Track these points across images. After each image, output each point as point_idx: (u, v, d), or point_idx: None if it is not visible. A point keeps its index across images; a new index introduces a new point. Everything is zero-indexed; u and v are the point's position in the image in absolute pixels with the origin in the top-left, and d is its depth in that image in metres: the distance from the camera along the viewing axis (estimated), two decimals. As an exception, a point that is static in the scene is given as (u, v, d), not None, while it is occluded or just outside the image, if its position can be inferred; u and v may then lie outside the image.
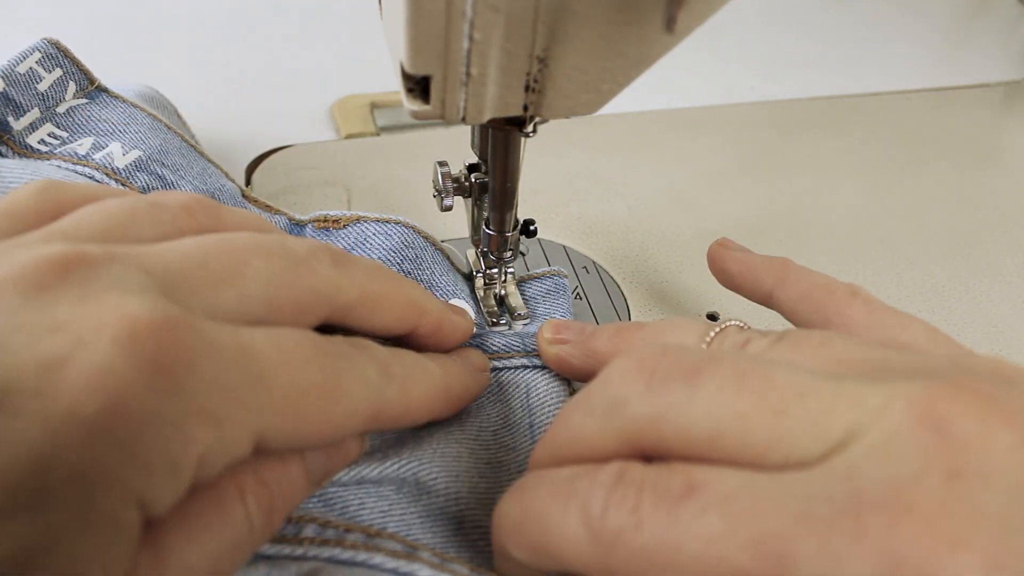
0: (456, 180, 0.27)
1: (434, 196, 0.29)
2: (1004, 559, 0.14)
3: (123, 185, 0.28)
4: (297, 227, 0.32)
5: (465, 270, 0.32)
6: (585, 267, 0.34)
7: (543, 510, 0.18)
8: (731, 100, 0.47)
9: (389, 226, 0.31)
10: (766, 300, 0.26)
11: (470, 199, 0.29)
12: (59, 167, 0.28)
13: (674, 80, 0.47)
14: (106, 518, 0.15)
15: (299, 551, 0.21)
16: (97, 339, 0.15)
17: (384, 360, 0.21)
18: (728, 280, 0.28)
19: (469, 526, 0.23)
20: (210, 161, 0.32)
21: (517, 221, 0.28)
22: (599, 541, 0.17)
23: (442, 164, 0.27)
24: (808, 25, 0.56)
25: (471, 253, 0.31)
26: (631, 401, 0.18)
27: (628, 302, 0.32)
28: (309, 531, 0.21)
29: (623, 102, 0.25)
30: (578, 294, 0.32)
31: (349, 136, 0.41)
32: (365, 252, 0.31)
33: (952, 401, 0.16)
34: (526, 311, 0.29)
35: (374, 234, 0.31)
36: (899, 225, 0.38)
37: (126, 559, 0.16)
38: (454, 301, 0.28)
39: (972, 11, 0.60)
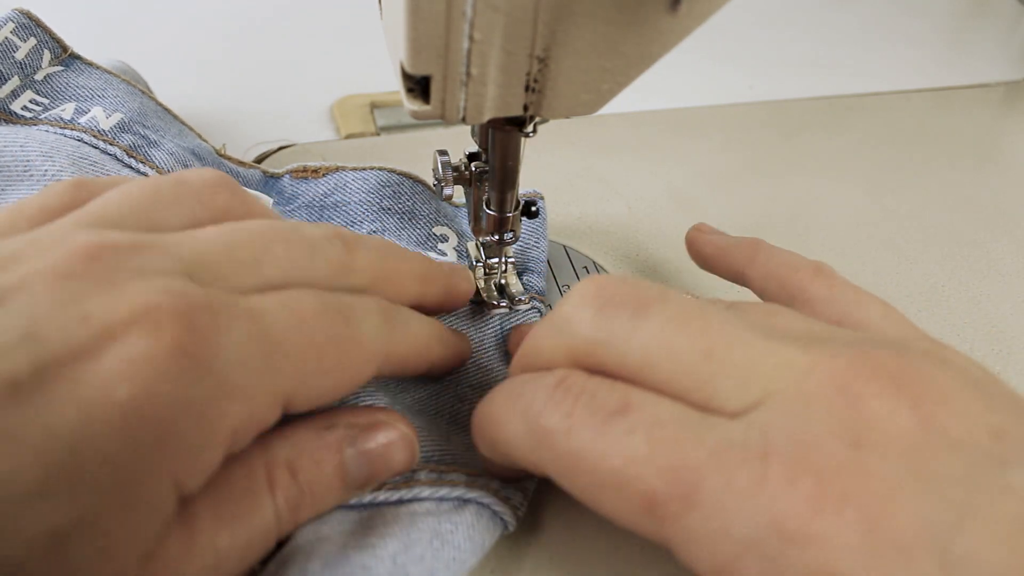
0: (456, 169, 0.27)
1: (434, 185, 0.29)
2: (881, 521, 0.15)
3: (111, 145, 0.29)
4: (272, 179, 0.33)
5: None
6: (585, 267, 0.34)
7: (497, 409, 0.20)
8: (731, 100, 0.47)
9: (367, 172, 0.32)
10: (739, 279, 0.27)
11: (470, 189, 0.29)
12: (47, 131, 0.29)
13: (674, 80, 0.47)
14: (141, 497, 0.16)
15: None
16: (125, 329, 0.16)
17: (385, 308, 0.22)
18: (704, 262, 0.29)
19: (456, 441, 0.25)
20: (184, 124, 0.33)
21: (519, 202, 0.28)
22: (534, 437, 0.19)
23: (442, 153, 0.27)
24: (808, 25, 0.56)
25: (471, 246, 0.30)
26: (580, 323, 0.19)
27: (628, 302, 0.32)
28: None
29: (623, 102, 0.25)
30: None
31: (349, 136, 0.41)
32: (343, 196, 0.31)
33: (869, 378, 0.17)
34: (526, 297, 0.29)
35: (352, 179, 0.32)
36: (899, 225, 0.38)
37: (159, 534, 0.17)
38: (437, 228, 0.29)
39: (972, 11, 0.60)
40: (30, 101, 0.30)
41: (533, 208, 0.28)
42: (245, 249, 0.20)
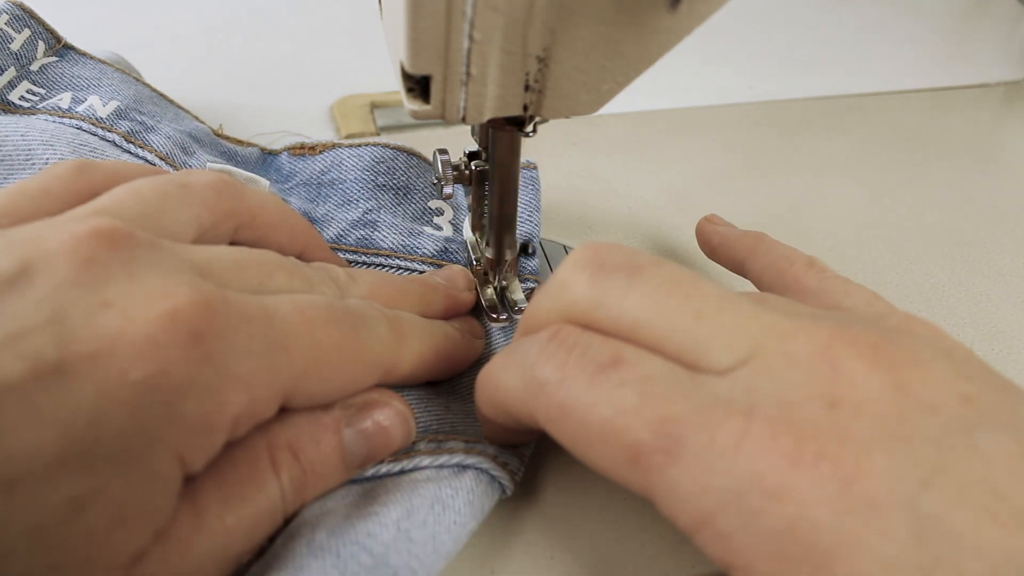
0: (456, 168, 0.27)
1: (433, 184, 0.29)
2: (856, 476, 0.16)
3: (108, 131, 0.29)
4: (270, 156, 0.34)
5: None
6: (585, 267, 0.34)
7: (495, 365, 0.21)
8: (731, 100, 0.47)
9: (362, 149, 0.32)
10: (740, 270, 0.29)
11: (470, 188, 0.29)
12: (46, 120, 0.29)
13: (674, 80, 0.47)
14: (150, 471, 0.17)
15: None
16: (144, 317, 0.17)
17: (394, 319, 0.23)
18: (710, 251, 0.31)
19: (455, 408, 0.26)
20: (180, 108, 0.34)
21: (515, 243, 0.28)
22: (528, 389, 0.19)
23: (442, 152, 0.27)
24: (808, 25, 0.56)
25: (470, 237, 0.31)
26: (576, 285, 0.20)
27: (628, 302, 0.32)
28: None
29: (623, 102, 0.25)
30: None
31: (349, 136, 0.41)
32: (339, 174, 0.32)
33: (849, 344, 0.18)
34: (527, 304, 0.29)
35: (347, 156, 0.32)
36: (899, 225, 0.38)
37: (167, 507, 0.18)
38: (433, 202, 0.30)
39: (972, 11, 0.60)
40: (27, 91, 0.31)
41: (530, 250, 0.29)
42: (251, 266, 0.22)
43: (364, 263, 0.30)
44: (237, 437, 0.19)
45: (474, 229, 0.29)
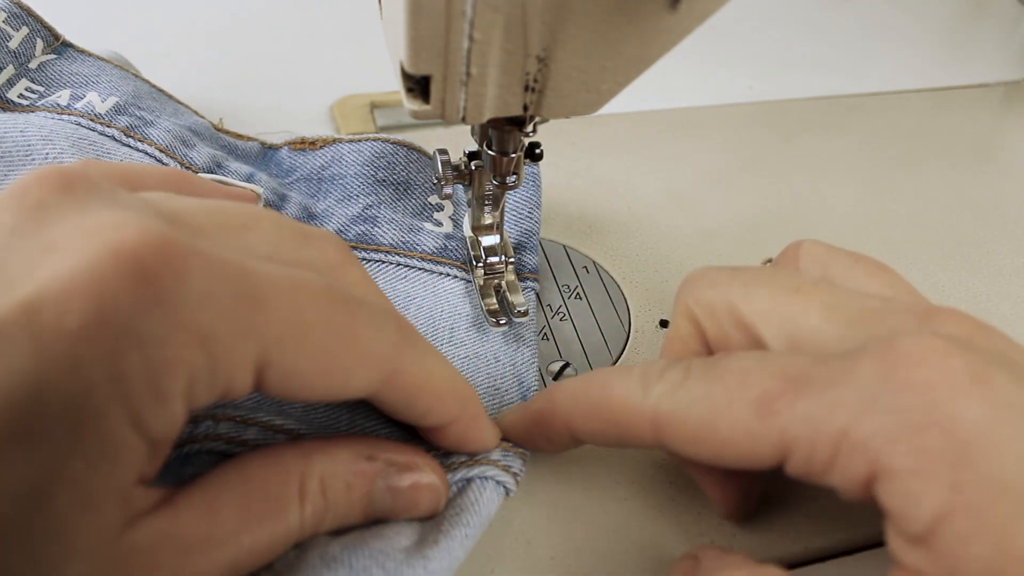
0: (456, 168, 0.27)
1: (434, 184, 0.29)
2: (991, 376, 0.16)
3: (107, 127, 0.29)
4: (271, 151, 0.34)
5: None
6: (585, 267, 0.34)
7: (605, 381, 0.22)
8: (731, 100, 0.47)
9: (362, 143, 0.32)
10: None
11: (470, 190, 0.29)
12: (45, 116, 0.29)
13: (674, 80, 0.47)
14: (104, 443, 0.15)
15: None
16: (85, 254, 0.15)
17: (405, 325, 0.21)
18: None
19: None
20: (179, 103, 0.34)
21: (523, 143, 0.26)
22: (650, 391, 0.21)
23: (442, 152, 0.27)
24: (808, 25, 0.56)
25: (470, 241, 0.30)
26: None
27: (628, 302, 0.32)
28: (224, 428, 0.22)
29: (623, 102, 0.25)
30: (578, 294, 0.32)
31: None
32: (339, 169, 0.32)
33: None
34: (526, 308, 0.29)
35: (348, 152, 0.32)
36: (899, 225, 0.38)
37: (133, 484, 0.16)
38: (433, 198, 0.29)
39: (972, 11, 0.60)
40: (26, 89, 0.31)
41: (537, 151, 0.27)
42: (231, 216, 0.19)
43: (364, 259, 0.30)
44: (199, 405, 0.17)
45: (474, 229, 0.29)
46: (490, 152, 0.26)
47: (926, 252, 0.37)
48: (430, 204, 0.32)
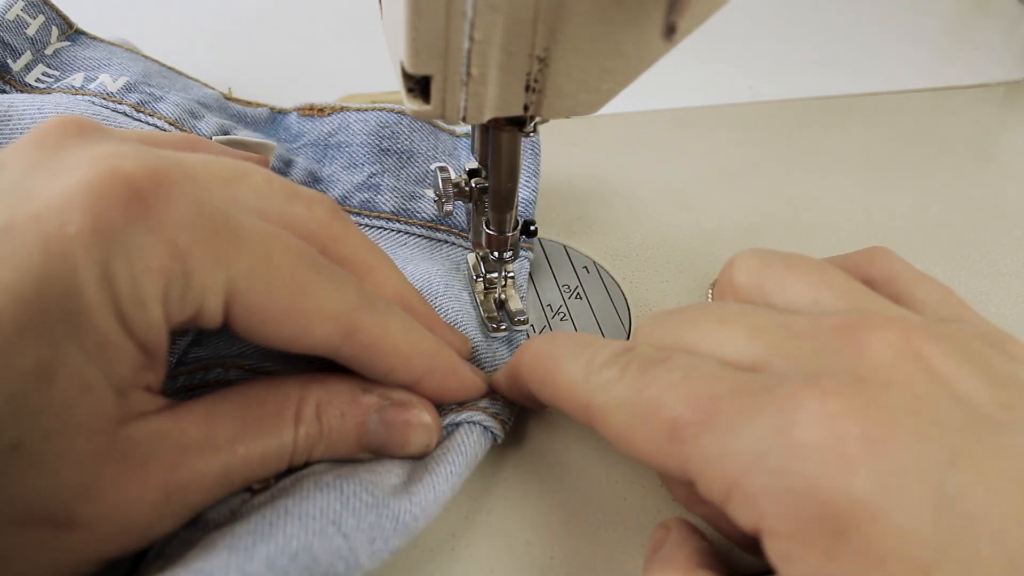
0: (456, 185, 0.27)
1: (434, 201, 0.29)
2: (882, 440, 0.16)
3: (119, 104, 0.31)
4: (280, 115, 0.35)
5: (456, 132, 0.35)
6: (585, 267, 0.34)
7: (559, 355, 0.22)
8: (731, 100, 0.47)
9: (368, 113, 0.34)
10: None
11: (471, 204, 0.29)
12: (62, 97, 0.31)
13: (674, 80, 0.47)
14: (97, 336, 0.17)
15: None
16: (88, 170, 0.18)
17: (365, 291, 0.22)
18: None
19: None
20: (189, 78, 0.35)
21: (517, 221, 0.28)
22: (588, 386, 0.21)
23: (443, 169, 0.27)
24: (808, 25, 0.56)
25: (471, 257, 0.31)
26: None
27: (628, 302, 0.32)
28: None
29: (623, 102, 0.25)
30: (578, 294, 0.32)
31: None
32: (345, 137, 0.33)
33: (876, 327, 0.19)
34: (526, 316, 0.29)
35: (354, 120, 0.34)
36: (899, 225, 0.38)
37: (131, 382, 0.18)
38: (435, 165, 0.29)
39: (972, 11, 0.60)
40: (42, 74, 0.33)
41: (532, 228, 0.29)
42: (225, 167, 0.21)
43: (366, 225, 0.31)
44: (176, 321, 0.19)
45: (475, 247, 0.29)
46: (488, 231, 0.28)
47: (926, 252, 0.37)
48: (431, 172, 0.33)
